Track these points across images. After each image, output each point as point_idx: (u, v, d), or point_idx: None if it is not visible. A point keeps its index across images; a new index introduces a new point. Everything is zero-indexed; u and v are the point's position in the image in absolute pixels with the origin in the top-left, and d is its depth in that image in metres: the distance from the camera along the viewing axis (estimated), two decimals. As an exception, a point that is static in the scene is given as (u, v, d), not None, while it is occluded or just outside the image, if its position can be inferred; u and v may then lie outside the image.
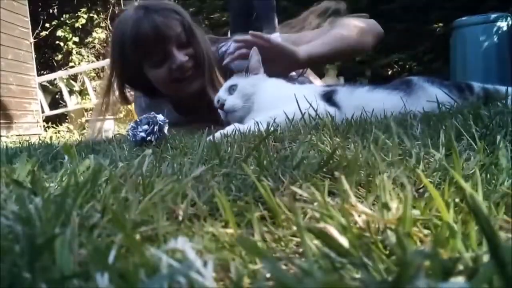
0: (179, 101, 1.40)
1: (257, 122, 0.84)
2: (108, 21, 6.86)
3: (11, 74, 4.23)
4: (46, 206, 0.31)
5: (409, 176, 0.40)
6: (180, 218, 0.33)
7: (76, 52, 6.66)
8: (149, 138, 0.86)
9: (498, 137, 0.47)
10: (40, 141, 1.29)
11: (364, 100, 0.99)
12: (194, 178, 0.40)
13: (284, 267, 0.25)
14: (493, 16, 2.92)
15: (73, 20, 6.64)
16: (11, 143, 1.48)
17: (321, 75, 3.55)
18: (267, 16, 2.87)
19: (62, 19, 6.65)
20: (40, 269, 0.23)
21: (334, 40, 1.28)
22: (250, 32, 1.19)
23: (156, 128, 0.87)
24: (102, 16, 6.93)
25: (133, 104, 1.59)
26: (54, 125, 5.17)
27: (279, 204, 0.34)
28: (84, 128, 4.85)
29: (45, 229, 0.28)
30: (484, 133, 0.54)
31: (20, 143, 1.31)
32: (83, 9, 6.72)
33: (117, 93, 1.39)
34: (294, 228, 0.31)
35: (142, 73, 1.31)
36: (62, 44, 6.61)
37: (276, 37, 1.27)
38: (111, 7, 6.87)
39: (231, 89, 1.10)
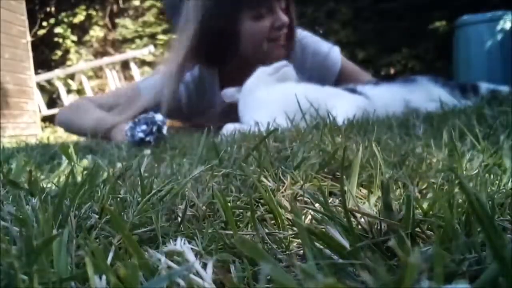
0: (231, 75, 1.33)
1: (257, 123, 0.83)
2: (107, 19, 6.86)
3: (8, 73, 4.23)
4: (43, 207, 0.31)
5: (412, 176, 0.39)
6: (179, 219, 0.32)
7: (75, 51, 6.65)
8: (147, 138, 0.86)
9: (502, 137, 0.47)
10: (38, 141, 1.28)
11: (390, 93, 1.01)
12: (193, 178, 0.40)
13: (285, 269, 0.25)
14: (497, 14, 2.90)
15: (70, 18, 6.63)
16: (8, 143, 1.47)
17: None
18: None
19: (59, 18, 6.65)
20: (37, 271, 0.22)
21: None
22: None
23: (154, 128, 0.87)
24: (100, 14, 6.93)
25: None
26: (51, 125, 5.16)
27: (280, 205, 0.34)
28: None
29: (42, 230, 0.27)
30: (488, 133, 0.53)
31: (17, 143, 1.30)
32: (82, 7, 6.72)
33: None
34: (295, 229, 0.30)
35: (230, 30, 1.26)
36: (60, 41, 6.60)
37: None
38: (110, 6, 6.87)
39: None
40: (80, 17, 6.68)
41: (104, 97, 1.65)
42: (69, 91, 5.52)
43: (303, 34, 1.44)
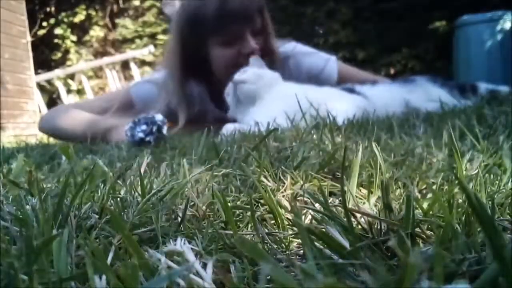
0: (218, 92, 1.34)
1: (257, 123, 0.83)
2: (107, 19, 6.85)
3: (8, 73, 4.22)
4: (43, 207, 0.31)
5: (412, 176, 0.39)
6: (179, 219, 0.32)
7: (75, 51, 6.65)
8: (147, 138, 0.86)
9: (502, 137, 0.47)
10: (38, 141, 1.28)
11: (388, 93, 1.01)
12: (193, 178, 0.40)
13: (285, 269, 0.25)
14: (497, 14, 2.90)
15: (70, 18, 6.63)
16: (8, 143, 1.47)
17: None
18: None
19: (59, 18, 6.65)
20: (37, 271, 0.22)
21: None
22: None
23: (154, 128, 0.86)
24: (100, 14, 6.93)
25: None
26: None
27: (280, 205, 0.34)
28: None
29: (42, 230, 0.27)
30: (488, 133, 0.53)
31: (17, 143, 1.30)
32: (82, 7, 6.71)
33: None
34: (295, 229, 0.30)
35: (203, 53, 1.28)
36: (60, 42, 6.60)
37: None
38: (110, 6, 6.87)
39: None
40: (80, 17, 6.68)
41: (93, 101, 1.65)
42: (69, 91, 5.51)
43: (297, 50, 1.42)
